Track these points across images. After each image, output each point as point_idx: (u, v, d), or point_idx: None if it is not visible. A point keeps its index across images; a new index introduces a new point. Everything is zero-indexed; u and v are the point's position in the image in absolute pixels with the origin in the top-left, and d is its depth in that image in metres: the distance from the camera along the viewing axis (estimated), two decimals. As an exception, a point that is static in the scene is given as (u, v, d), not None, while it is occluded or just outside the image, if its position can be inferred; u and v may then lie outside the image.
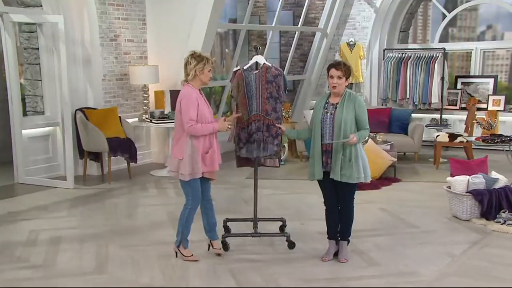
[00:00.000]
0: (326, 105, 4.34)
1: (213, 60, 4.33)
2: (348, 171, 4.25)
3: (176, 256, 4.53)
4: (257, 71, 4.61)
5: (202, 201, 4.49)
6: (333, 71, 4.26)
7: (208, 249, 4.64)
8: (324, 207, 4.51)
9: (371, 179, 4.46)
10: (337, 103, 4.29)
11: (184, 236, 4.49)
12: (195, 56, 4.27)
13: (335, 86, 4.25)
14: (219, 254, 4.58)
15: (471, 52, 10.16)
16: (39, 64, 7.51)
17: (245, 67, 4.64)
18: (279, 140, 4.61)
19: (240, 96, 4.61)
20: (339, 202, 4.44)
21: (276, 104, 4.57)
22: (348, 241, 4.54)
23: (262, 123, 4.57)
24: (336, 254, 4.51)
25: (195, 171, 4.28)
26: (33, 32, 7.50)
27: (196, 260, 4.45)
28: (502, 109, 9.30)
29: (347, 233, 4.50)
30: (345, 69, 4.26)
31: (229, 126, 4.41)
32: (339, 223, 4.49)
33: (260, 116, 4.58)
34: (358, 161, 4.26)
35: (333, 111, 4.28)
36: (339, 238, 4.52)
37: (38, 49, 7.49)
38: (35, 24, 7.37)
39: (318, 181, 4.41)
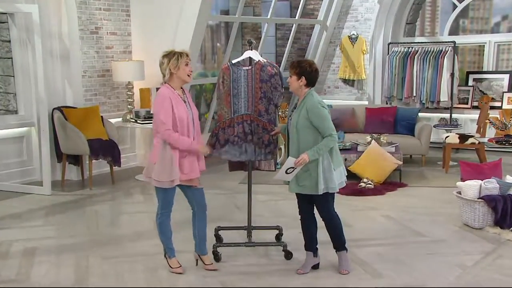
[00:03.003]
0: (294, 108, 4.40)
1: (186, 52, 4.28)
2: (307, 181, 4.25)
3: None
4: (248, 67, 4.60)
5: (195, 208, 4.47)
6: None
7: (196, 264, 4.59)
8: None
9: (345, 185, 4.44)
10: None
11: (165, 245, 4.49)
12: (166, 55, 4.27)
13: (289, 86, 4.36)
14: (213, 270, 4.52)
15: (484, 45, 10.21)
16: (11, 58, 7.49)
17: (233, 62, 4.64)
18: (271, 149, 4.62)
19: (224, 93, 4.60)
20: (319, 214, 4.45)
21: (269, 105, 4.58)
22: (346, 250, 4.51)
23: (256, 124, 4.58)
24: (314, 267, 4.52)
25: (164, 179, 4.22)
26: (3, 22, 7.47)
27: (181, 273, 4.44)
28: (517, 107, 9.34)
29: (339, 241, 4.48)
30: (292, 67, 4.29)
31: (208, 152, 4.36)
32: (329, 234, 4.49)
33: (253, 117, 4.58)
34: (319, 170, 4.21)
35: (291, 117, 4.35)
36: (335, 250, 4.53)
37: (9, 41, 7.46)
38: (5, 13, 7.34)
39: None
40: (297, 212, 4.54)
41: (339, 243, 4.48)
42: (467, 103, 9.84)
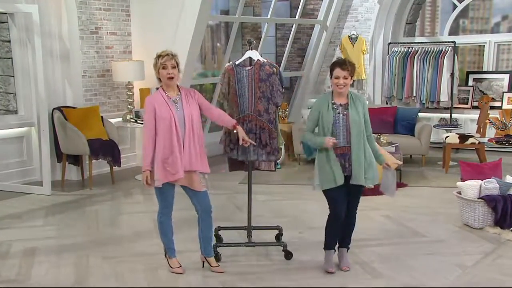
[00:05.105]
0: (334, 105, 4.36)
1: (165, 54, 4.21)
2: (369, 173, 4.36)
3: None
4: (250, 67, 4.63)
5: (198, 210, 4.40)
6: (338, 71, 4.31)
7: (203, 266, 4.56)
8: (333, 218, 4.40)
9: (375, 184, 4.54)
10: (346, 103, 4.35)
11: (165, 245, 4.49)
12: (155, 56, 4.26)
13: (341, 87, 4.30)
14: (220, 272, 4.48)
15: (484, 45, 10.20)
16: (11, 58, 7.49)
17: (237, 62, 4.66)
18: (268, 150, 4.62)
19: (231, 93, 4.63)
20: (348, 208, 4.43)
21: (269, 105, 4.59)
22: (348, 248, 4.60)
23: (254, 124, 4.59)
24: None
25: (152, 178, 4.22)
26: (3, 22, 7.47)
27: (181, 273, 4.44)
28: (517, 107, 9.34)
29: (350, 239, 4.59)
30: (351, 68, 4.33)
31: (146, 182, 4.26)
32: (343, 229, 4.51)
33: (252, 117, 4.59)
34: (374, 163, 4.40)
35: (345, 112, 4.32)
36: (338, 246, 4.58)
37: (9, 41, 7.46)
38: (5, 13, 7.34)
39: (329, 189, 4.32)
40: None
41: (349, 240, 4.58)
42: (467, 103, 9.84)
